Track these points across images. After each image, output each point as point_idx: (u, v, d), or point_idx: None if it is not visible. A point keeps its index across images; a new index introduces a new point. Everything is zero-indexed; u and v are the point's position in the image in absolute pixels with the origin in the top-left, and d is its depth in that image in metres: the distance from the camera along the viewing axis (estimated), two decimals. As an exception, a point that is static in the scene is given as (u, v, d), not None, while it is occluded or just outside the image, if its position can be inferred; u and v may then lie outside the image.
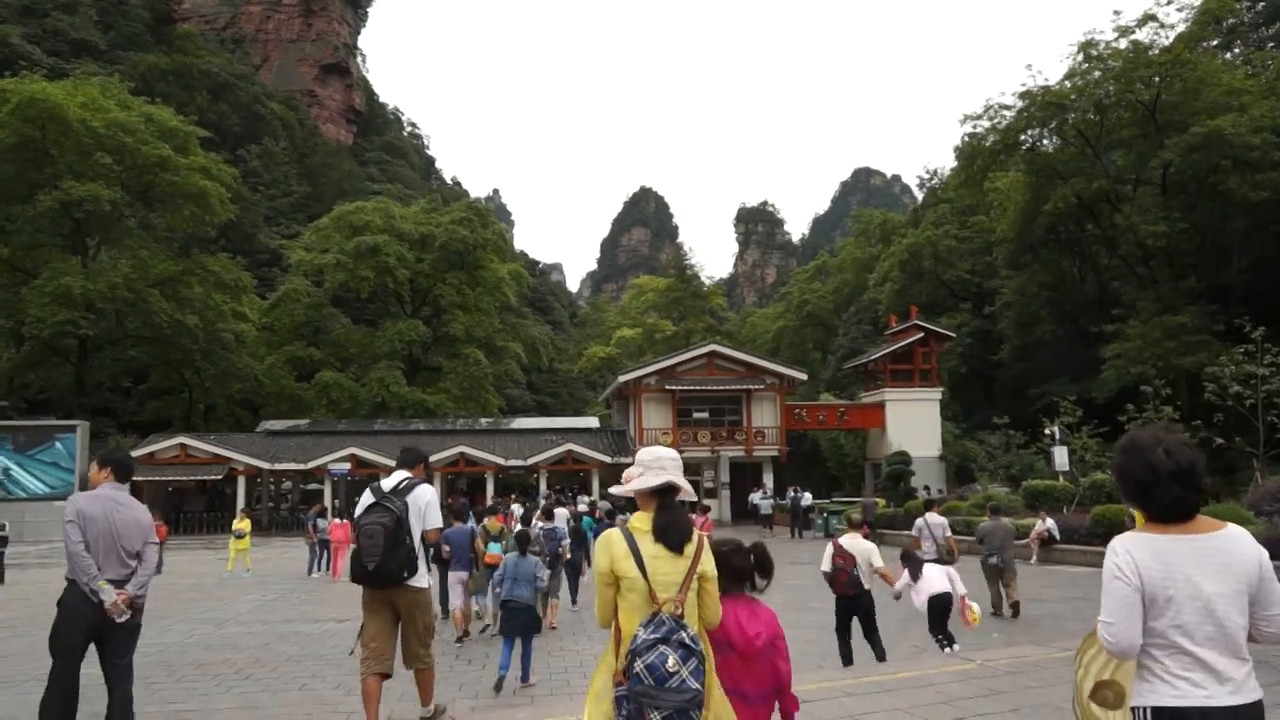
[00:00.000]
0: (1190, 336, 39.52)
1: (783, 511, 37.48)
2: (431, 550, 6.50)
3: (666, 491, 3.51)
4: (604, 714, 3.32)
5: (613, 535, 3.47)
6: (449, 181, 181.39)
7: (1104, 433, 33.27)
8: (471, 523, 12.98)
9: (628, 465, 3.92)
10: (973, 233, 61.09)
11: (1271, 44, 51.20)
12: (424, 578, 5.43)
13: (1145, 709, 2.71)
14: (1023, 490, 26.71)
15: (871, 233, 77.96)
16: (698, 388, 43.02)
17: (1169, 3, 48.25)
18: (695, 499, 3.81)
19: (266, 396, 56.97)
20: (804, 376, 48.05)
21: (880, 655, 8.82)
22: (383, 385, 54.04)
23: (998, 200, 55.66)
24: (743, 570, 3.87)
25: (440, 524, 5.65)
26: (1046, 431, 33.03)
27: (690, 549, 3.42)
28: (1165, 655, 2.69)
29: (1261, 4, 53.21)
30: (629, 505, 17.10)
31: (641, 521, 3.49)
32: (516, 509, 21.26)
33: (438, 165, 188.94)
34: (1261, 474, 25.21)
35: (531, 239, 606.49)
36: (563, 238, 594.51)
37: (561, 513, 17.58)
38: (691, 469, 43.67)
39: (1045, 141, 50.75)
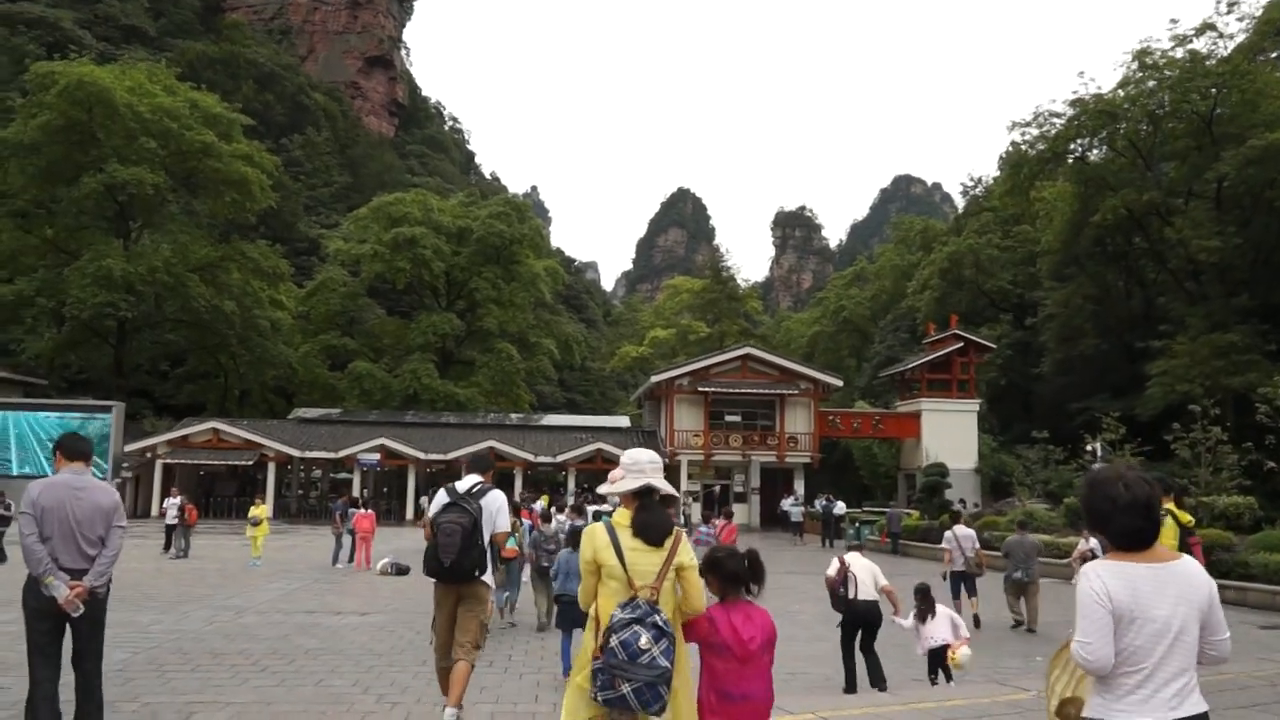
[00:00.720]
0: (1240, 356, 38.41)
1: (813, 519, 36.89)
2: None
3: (646, 493, 3.91)
4: (581, 685, 3.72)
5: (595, 529, 3.89)
6: (488, 176, 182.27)
7: (1148, 452, 32.35)
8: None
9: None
10: (1016, 243, 59.98)
11: (1334, 56, 49.72)
12: (490, 576, 5.57)
13: None
14: (1064, 507, 25.93)
15: (911, 240, 76.90)
16: (731, 390, 42.52)
17: (1228, 11, 46.87)
18: (674, 494, 4.27)
19: (300, 384, 57.23)
20: (839, 383, 47.38)
21: (875, 673, 8.68)
22: (415, 377, 54.09)
23: (1043, 210, 54.62)
24: (737, 574, 3.97)
25: (508, 528, 5.74)
26: (1088, 448, 32.13)
27: (668, 543, 3.81)
28: (1122, 673, 2.91)
29: (1325, 16, 51.68)
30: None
31: (623, 517, 3.89)
32: (538, 505, 20.95)
33: (477, 160, 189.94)
34: (1315, 500, 24.31)
35: (568, 237, 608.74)
36: (599, 237, 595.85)
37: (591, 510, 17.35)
38: (722, 473, 43.24)
39: (1095, 151, 49.68)
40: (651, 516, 3.84)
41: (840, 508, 35.12)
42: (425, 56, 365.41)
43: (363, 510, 22.26)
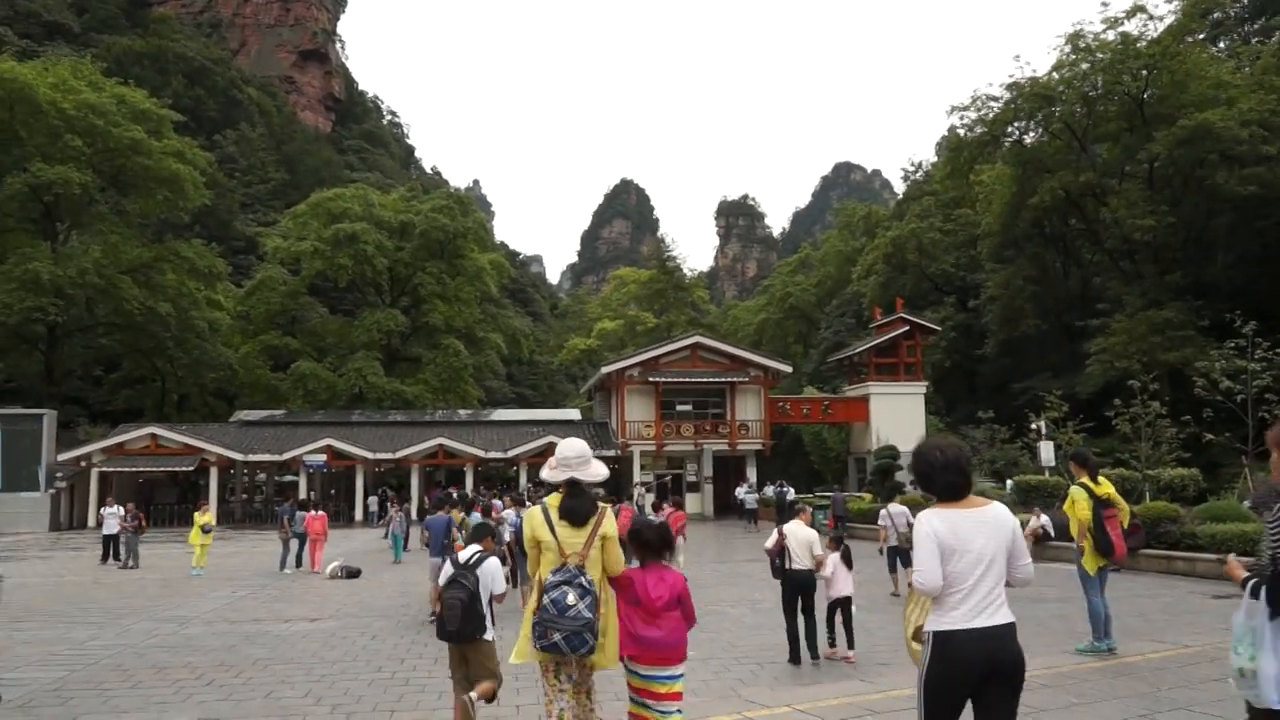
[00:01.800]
0: (1175, 332, 39.37)
1: (767, 506, 37.01)
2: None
3: (573, 483, 4.78)
4: (525, 636, 4.70)
5: (533, 512, 4.82)
6: (429, 171, 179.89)
7: (1090, 428, 33.02)
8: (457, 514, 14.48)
9: (609, 456, 8.36)
10: (957, 226, 60.85)
11: (1258, 38, 51.16)
12: (490, 632, 6.26)
13: (930, 631, 3.81)
14: (1014, 485, 26.29)
15: (854, 226, 77.65)
16: (681, 380, 42.45)
17: (1157, -6, 48.21)
18: (602, 477, 4.95)
19: (241, 386, 55.93)
20: (789, 369, 47.60)
21: (810, 636, 9.22)
22: (360, 375, 53.21)
23: (983, 193, 55.43)
24: (651, 542, 4.98)
25: (503, 589, 6.37)
26: (1032, 426, 32.66)
27: (591, 522, 4.73)
28: (949, 593, 3.77)
29: (1248, -2, 53.19)
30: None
31: (555, 501, 4.78)
32: (496, 503, 20.78)
33: (417, 154, 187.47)
34: (1250, 471, 24.93)
35: (512, 230, 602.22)
36: (543, 230, 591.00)
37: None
38: (675, 462, 43.21)
39: (1031, 134, 50.49)
40: (576, 503, 4.73)
41: (792, 493, 35.27)
42: (361, 50, 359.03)
43: (314, 512, 21.71)
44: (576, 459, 4.78)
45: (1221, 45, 52.45)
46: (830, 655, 9.47)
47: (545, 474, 4.91)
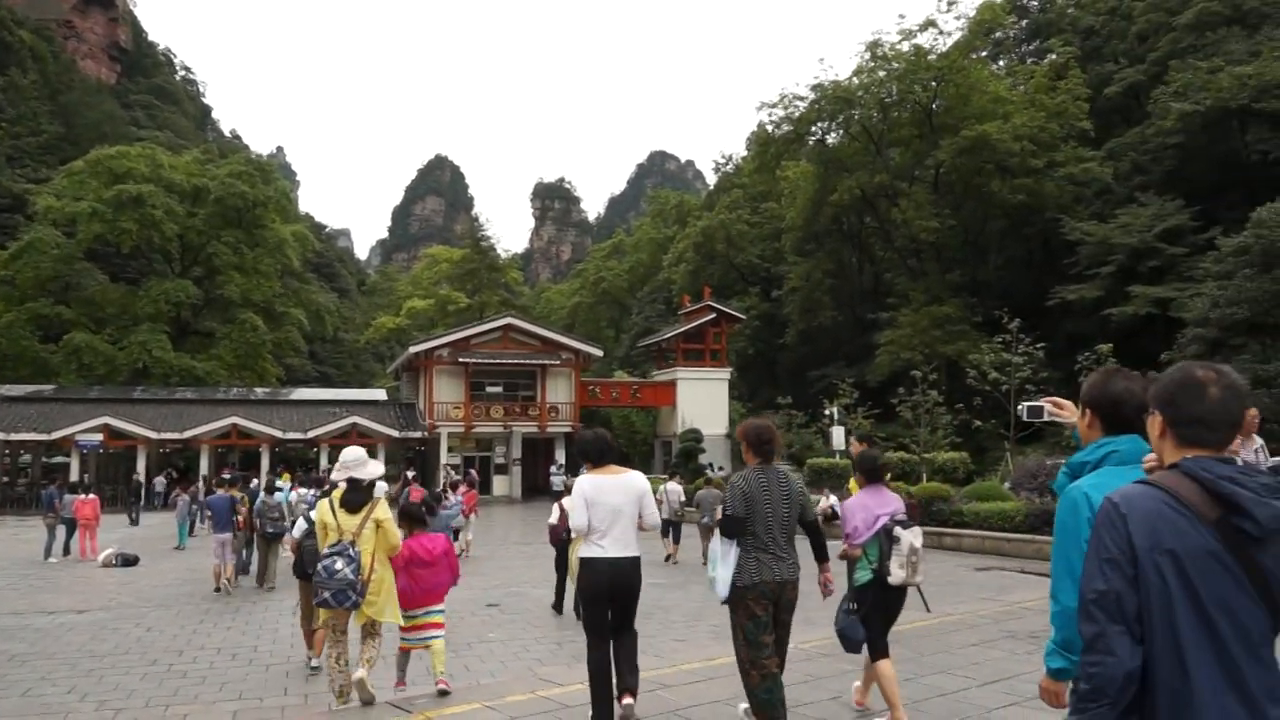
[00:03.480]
0: (953, 326, 42.67)
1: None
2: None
3: (353, 480, 6.24)
4: (309, 591, 6.46)
5: (323, 504, 6.26)
6: (227, 134, 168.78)
7: (877, 414, 35.33)
8: (232, 492, 15.38)
9: (416, 438, 10.77)
10: (764, 219, 63.35)
11: (1032, 59, 55.98)
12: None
13: (580, 557, 5.55)
14: (807, 468, 27.76)
15: (667, 214, 79.31)
16: (492, 361, 42.07)
17: (948, 10, 51.81)
18: (377, 475, 6.42)
19: (3, 359, 50.70)
20: (600, 353, 48.13)
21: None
22: (144, 350, 49.45)
23: (788, 189, 57.91)
24: (416, 515, 7.11)
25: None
26: (826, 412, 34.61)
27: (365, 510, 6.17)
28: (593, 534, 5.43)
29: (1025, 21, 58.07)
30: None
31: (339, 494, 6.24)
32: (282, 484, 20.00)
33: (214, 115, 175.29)
34: (1011, 455, 27.43)
35: (318, 202, 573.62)
36: (352, 203, 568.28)
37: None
38: (484, 444, 42.83)
39: (833, 135, 53.20)
40: (352, 496, 6.17)
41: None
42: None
43: (84, 496, 20.07)
44: (354, 462, 6.19)
45: (1001, 63, 57.12)
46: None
47: (335, 475, 6.17)
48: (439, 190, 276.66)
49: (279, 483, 18.46)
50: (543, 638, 9.92)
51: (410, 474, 20.26)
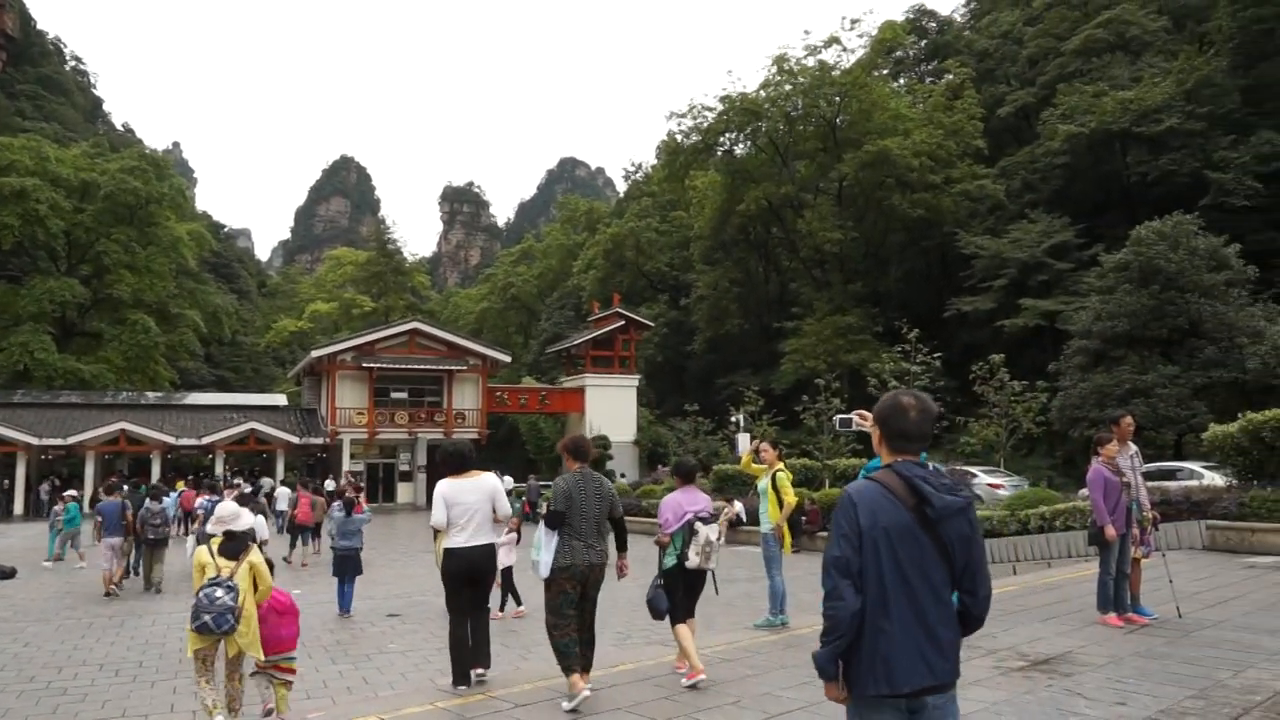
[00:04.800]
0: (856, 336, 43.77)
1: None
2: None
3: (229, 533, 6.55)
4: (190, 630, 6.24)
5: (202, 550, 6.54)
6: (120, 127, 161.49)
7: (782, 421, 35.98)
8: (122, 498, 15.68)
9: (317, 445, 9.84)
10: (673, 227, 63.93)
11: (931, 78, 57.93)
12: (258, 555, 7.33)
13: (444, 548, 6.55)
14: (713, 475, 28.02)
15: (577, 220, 79.35)
16: (397, 366, 41.37)
17: (851, 28, 53.28)
18: (248, 526, 6.85)
19: None
20: (508, 359, 47.79)
21: (502, 597, 10.94)
22: (26, 351, 47.04)
23: (697, 198, 58.59)
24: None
25: (266, 537, 8.31)
26: (732, 419, 35.11)
27: (243, 557, 6.45)
28: (451, 528, 6.45)
29: (924, 41, 60.08)
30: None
31: (217, 542, 6.52)
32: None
33: (106, 108, 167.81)
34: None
35: (217, 200, 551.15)
36: (253, 202, 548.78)
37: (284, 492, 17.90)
38: (387, 451, 42.08)
39: (741, 146, 54.07)
40: (228, 546, 6.50)
41: (509, 482, 35.41)
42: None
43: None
44: (230, 517, 6.71)
45: (901, 81, 58.95)
46: (519, 614, 11.62)
47: (210, 528, 6.71)
48: (344, 191, 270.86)
49: (170, 492, 18.30)
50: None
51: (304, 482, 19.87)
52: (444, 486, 6.52)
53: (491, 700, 6.22)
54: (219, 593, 6.10)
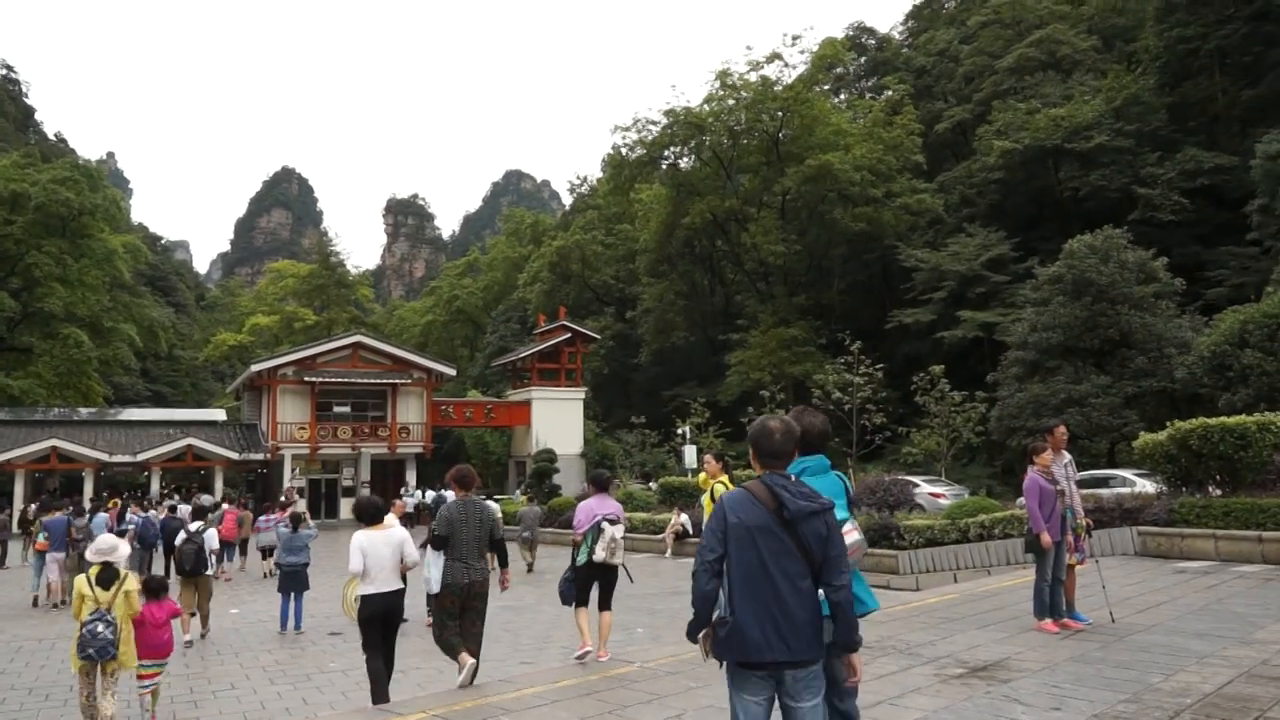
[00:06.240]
0: (800, 348, 44.25)
1: (426, 511, 36.52)
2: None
3: (107, 563, 7.07)
4: (74, 653, 6.82)
5: (81, 579, 7.05)
6: (52, 137, 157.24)
7: (728, 433, 36.21)
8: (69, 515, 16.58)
9: (257, 460, 10.42)
10: (618, 240, 64.06)
11: (871, 94, 58.98)
12: (212, 570, 9.37)
13: (359, 595, 7.06)
14: (659, 486, 28.08)
15: (522, 233, 79.09)
16: (340, 380, 40.76)
17: (793, 44, 54.06)
18: (125, 557, 7.44)
19: None
20: (453, 372, 47.39)
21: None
22: (-50, 367, 45.41)
23: (642, 211, 58.79)
24: (155, 588, 7.89)
25: (217, 547, 10.49)
26: (678, 431, 35.22)
27: (115, 586, 6.98)
28: (365, 575, 7.03)
29: (864, 58, 61.18)
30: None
31: (95, 572, 7.04)
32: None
33: (38, 117, 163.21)
34: (854, 471, 28.62)
35: (153, 212, 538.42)
36: (191, 213, 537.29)
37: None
38: (330, 466, 41.44)
39: (686, 159, 54.44)
40: (104, 574, 6.99)
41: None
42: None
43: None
44: (108, 549, 7.15)
45: (842, 97, 59.95)
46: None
47: (90, 556, 7.18)
48: (286, 203, 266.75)
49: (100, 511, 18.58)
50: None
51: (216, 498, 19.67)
52: (360, 538, 7.14)
53: (432, 717, 6.16)
54: (100, 628, 6.78)
